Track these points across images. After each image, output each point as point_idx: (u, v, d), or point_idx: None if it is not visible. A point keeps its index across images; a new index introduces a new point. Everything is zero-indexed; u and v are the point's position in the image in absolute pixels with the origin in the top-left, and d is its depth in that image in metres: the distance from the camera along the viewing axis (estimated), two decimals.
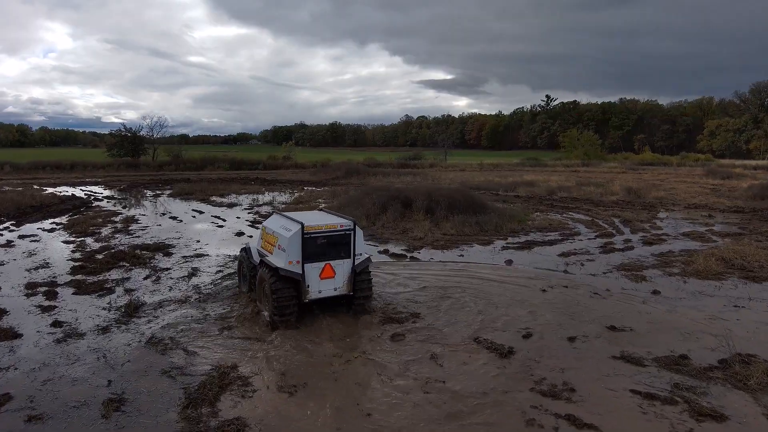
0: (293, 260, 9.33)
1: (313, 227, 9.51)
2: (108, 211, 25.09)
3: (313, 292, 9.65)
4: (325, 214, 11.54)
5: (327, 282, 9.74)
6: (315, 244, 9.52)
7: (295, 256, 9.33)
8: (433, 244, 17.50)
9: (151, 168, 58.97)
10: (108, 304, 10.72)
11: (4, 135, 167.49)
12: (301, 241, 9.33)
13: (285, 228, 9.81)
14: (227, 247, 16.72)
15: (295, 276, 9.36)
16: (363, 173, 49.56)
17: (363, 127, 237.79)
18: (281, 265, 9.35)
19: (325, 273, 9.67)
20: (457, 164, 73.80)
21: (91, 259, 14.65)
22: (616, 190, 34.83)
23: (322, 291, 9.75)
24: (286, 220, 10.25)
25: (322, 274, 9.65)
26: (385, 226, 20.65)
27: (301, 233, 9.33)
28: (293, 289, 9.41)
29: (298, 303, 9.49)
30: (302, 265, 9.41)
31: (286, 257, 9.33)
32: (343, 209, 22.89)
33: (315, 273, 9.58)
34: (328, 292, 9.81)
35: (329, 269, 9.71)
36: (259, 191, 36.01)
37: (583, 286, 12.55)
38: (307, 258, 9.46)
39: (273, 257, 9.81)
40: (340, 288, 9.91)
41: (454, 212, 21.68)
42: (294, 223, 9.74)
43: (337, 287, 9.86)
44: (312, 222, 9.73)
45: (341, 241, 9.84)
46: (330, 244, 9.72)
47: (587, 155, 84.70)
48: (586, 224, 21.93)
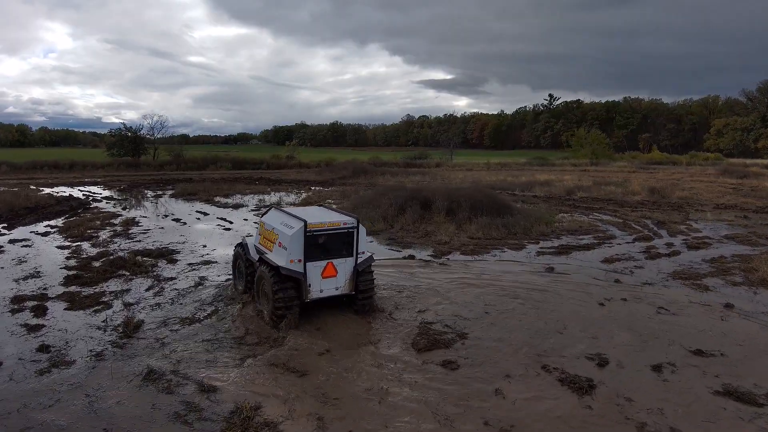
0: (295, 259, 8.94)
1: (316, 225, 9.10)
2: (107, 212, 23.62)
3: (314, 292, 9.29)
4: (327, 210, 11.01)
5: (329, 281, 9.37)
6: (317, 242, 9.17)
7: (296, 255, 8.94)
8: (460, 248, 16.02)
9: (151, 168, 57.50)
10: (104, 323, 9.25)
11: (4, 135, 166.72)
12: (304, 239, 8.92)
13: (286, 225, 9.35)
14: None
15: (297, 275, 8.98)
16: (370, 173, 48.07)
17: (364, 127, 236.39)
18: (282, 263, 8.94)
19: (327, 272, 9.32)
20: (464, 164, 72.35)
21: (87, 268, 13.18)
22: (637, 190, 33.35)
23: (324, 290, 9.39)
24: (286, 217, 9.72)
25: (324, 273, 9.29)
26: (404, 228, 19.17)
27: (304, 231, 8.91)
28: (294, 289, 9.07)
29: (299, 303, 9.13)
30: (304, 264, 9.02)
31: (288, 255, 8.91)
32: (357, 210, 21.44)
33: (317, 272, 9.21)
34: (329, 291, 9.45)
35: (331, 268, 9.35)
36: (264, 191, 34.54)
37: (644, 298, 11.07)
38: (309, 256, 9.07)
39: (273, 255, 9.36)
40: (342, 287, 9.55)
41: (477, 214, 20.23)
42: (296, 220, 9.27)
43: (339, 286, 9.51)
44: (314, 219, 9.31)
45: (344, 240, 9.45)
46: (332, 243, 9.36)
47: (595, 154, 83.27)
48: (619, 226, 20.45)
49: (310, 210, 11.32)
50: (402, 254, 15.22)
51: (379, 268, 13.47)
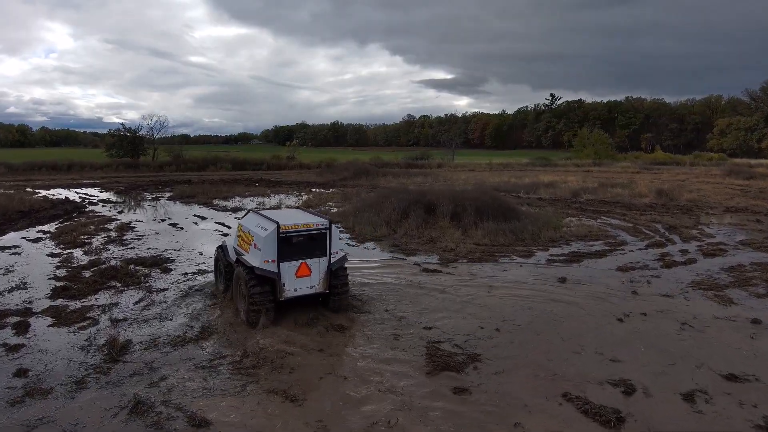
0: (269, 259, 9.32)
1: (289, 226, 9.45)
2: (102, 216, 23.00)
3: (289, 291, 9.61)
4: (302, 212, 11.45)
5: (303, 280, 9.72)
6: (291, 243, 9.48)
7: (270, 255, 9.32)
8: (467, 256, 15.38)
9: (151, 168, 56.91)
10: (87, 342, 8.62)
11: (4, 135, 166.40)
12: (277, 240, 9.28)
13: (261, 227, 9.76)
14: None
15: (271, 275, 9.33)
16: (372, 174, 47.42)
17: (365, 127, 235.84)
18: (257, 264, 9.35)
19: (301, 271, 9.66)
20: (466, 164, 71.68)
21: (76, 278, 12.55)
22: (644, 192, 32.69)
23: (298, 289, 9.73)
24: (262, 219, 10.15)
25: (298, 273, 9.63)
26: (408, 234, 18.53)
27: (277, 233, 9.27)
28: (269, 288, 9.40)
29: (274, 301, 9.46)
30: (278, 264, 9.35)
31: (262, 256, 9.32)
32: (359, 215, 20.84)
33: (291, 271, 9.55)
34: (304, 290, 9.80)
35: (305, 268, 9.70)
36: (264, 193, 33.91)
37: (665, 312, 10.43)
38: (283, 257, 9.40)
39: (249, 256, 9.80)
40: (316, 286, 9.88)
41: (483, 218, 19.59)
42: (270, 222, 9.67)
43: (313, 285, 9.84)
44: (288, 221, 9.66)
45: (317, 240, 9.78)
46: (306, 243, 9.67)
47: (598, 155, 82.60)
48: (629, 231, 19.79)
49: (286, 212, 11.85)
50: (406, 262, 14.56)
51: (382, 276, 12.85)
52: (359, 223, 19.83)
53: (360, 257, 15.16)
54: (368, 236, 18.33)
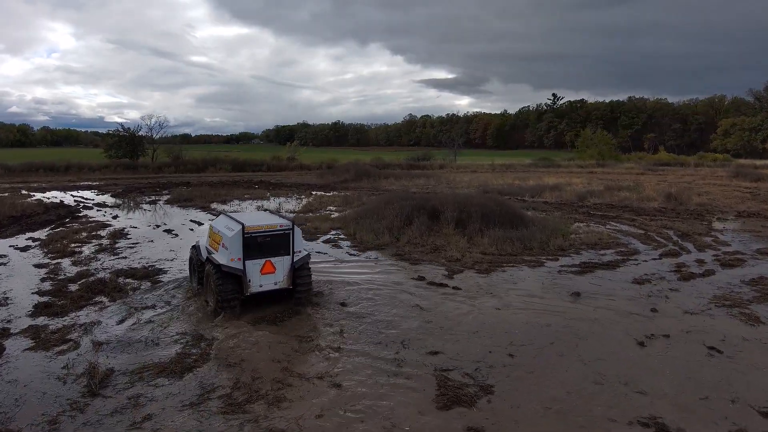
0: (235, 257, 10.11)
1: (253, 227, 10.32)
2: (95, 222, 22.32)
3: (254, 286, 10.43)
4: (268, 214, 12.64)
5: (268, 277, 10.54)
6: (256, 242, 10.30)
7: (236, 254, 10.12)
8: (474, 266, 14.67)
9: (149, 170, 56.26)
10: (65, 369, 7.92)
11: (5, 135, 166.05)
12: (242, 240, 10.12)
13: (228, 228, 10.58)
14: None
15: (237, 272, 10.17)
16: (373, 175, 46.68)
17: (366, 127, 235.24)
18: (224, 261, 10.16)
19: (265, 269, 10.47)
20: (468, 165, 70.92)
21: (61, 293, 11.86)
22: (653, 196, 31.94)
23: (263, 285, 10.54)
24: (229, 221, 11.02)
25: (263, 270, 10.45)
26: (411, 242, 17.82)
27: (242, 233, 10.13)
28: (235, 284, 10.21)
29: (240, 296, 10.30)
30: (243, 262, 10.18)
31: (229, 254, 10.10)
32: (360, 221, 20.13)
33: (256, 269, 10.38)
34: (269, 286, 10.60)
35: (269, 265, 10.50)
36: (263, 196, 33.23)
37: (689, 333, 9.71)
38: (248, 255, 10.24)
39: (217, 255, 10.54)
40: (280, 282, 10.70)
41: (489, 225, 18.89)
42: (236, 223, 10.51)
43: (277, 281, 10.66)
44: (253, 222, 10.55)
45: (281, 240, 10.59)
46: (270, 243, 10.48)
47: (601, 155, 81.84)
48: (640, 239, 19.07)
49: (253, 215, 12.88)
50: (411, 274, 13.85)
51: (383, 290, 12.13)
52: (361, 230, 19.14)
53: (360, 269, 14.47)
54: (370, 244, 17.63)
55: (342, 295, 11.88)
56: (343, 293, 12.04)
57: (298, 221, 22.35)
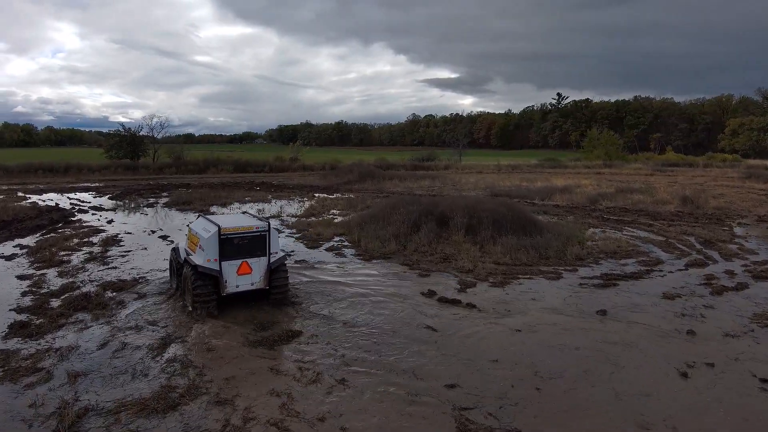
0: (211, 258, 10.27)
1: (230, 229, 10.46)
2: (89, 227, 21.40)
3: (230, 287, 10.58)
4: (247, 216, 12.59)
5: (244, 278, 10.70)
6: (232, 243, 10.45)
7: (212, 255, 10.28)
8: (487, 278, 13.66)
9: (150, 171, 55.40)
10: (33, 409, 6.94)
11: (10, 135, 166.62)
12: (218, 241, 10.26)
13: (205, 229, 10.70)
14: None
15: (213, 272, 10.31)
16: (377, 177, 45.68)
17: (369, 126, 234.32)
18: (200, 262, 10.32)
19: (242, 269, 10.61)
20: (473, 165, 69.82)
21: (41, 309, 10.91)
22: (667, 199, 30.82)
23: (240, 286, 10.69)
24: (207, 223, 11.14)
25: (240, 271, 10.60)
26: (419, 250, 16.82)
27: (218, 234, 10.26)
28: (212, 284, 10.36)
29: (216, 296, 10.46)
30: (219, 263, 10.33)
31: (205, 256, 10.29)
32: (365, 227, 19.15)
33: (232, 269, 10.53)
34: (245, 286, 10.77)
35: (246, 266, 10.64)
36: (265, 199, 32.27)
37: (735, 361, 8.68)
38: (225, 256, 10.38)
39: (195, 256, 10.68)
40: (257, 283, 10.86)
41: (501, 231, 17.88)
42: (213, 225, 10.66)
43: (254, 282, 10.82)
44: (229, 224, 10.68)
45: (257, 241, 10.74)
46: (246, 244, 10.62)
47: (608, 155, 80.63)
48: (661, 246, 18.03)
49: (230, 217, 13.24)
50: (420, 288, 12.84)
51: (388, 306, 11.12)
52: (366, 237, 18.15)
53: (365, 281, 13.48)
54: (376, 253, 16.64)
55: (346, 314, 10.90)
56: (347, 311, 11.06)
57: (300, 227, 21.43)
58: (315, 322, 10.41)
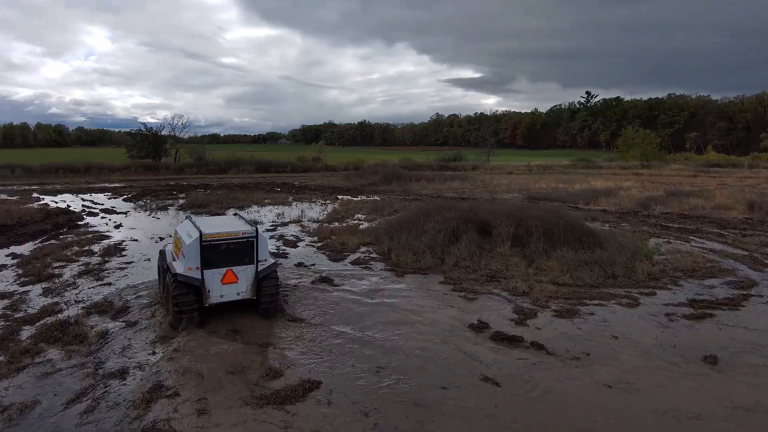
0: (192, 266, 9.44)
1: (213, 235, 9.57)
2: (94, 232, 19.65)
3: (214, 297, 9.72)
4: (235, 219, 11.50)
5: (229, 287, 9.82)
6: (216, 250, 9.58)
7: (194, 263, 9.45)
8: (548, 304, 11.19)
9: (171, 171, 54.23)
10: None
11: (42, 135, 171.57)
12: (200, 248, 9.43)
13: (188, 234, 9.92)
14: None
15: (194, 282, 9.47)
16: (403, 178, 43.30)
17: (392, 126, 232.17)
18: (181, 270, 9.50)
19: (227, 278, 9.74)
20: (502, 166, 66.90)
21: (5, 342, 8.90)
22: (728, 203, 27.64)
23: (225, 295, 9.82)
24: (191, 226, 10.30)
25: (224, 280, 9.73)
26: (460, 265, 14.44)
27: (200, 241, 9.43)
28: (193, 294, 9.49)
29: (199, 307, 9.55)
30: (201, 271, 9.47)
31: (186, 263, 9.49)
32: (395, 236, 16.84)
33: (216, 278, 9.65)
34: (230, 296, 9.88)
35: (231, 275, 9.77)
36: (285, 201, 30.25)
37: None
38: (208, 264, 9.53)
39: (177, 262, 9.95)
40: (243, 293, 10.00)
41: (554, 243, 15.37)
42: (196, 229, 9.80)
43: (240, 292, 9.95)
44: (212, 229, 9.81)
45: (243, 248, 9.86)
46: (232, 251, 9.73)
47: (645, 156, 76.63)
48: (746, 262, 15.26)
49: (217, 220, 12.30)
50: (467, 316, 10.45)
51: (438, 344, 8.76)
52: (396, 248, 15.86)
53: (398, 304, 11.17)
54: (409, 267, 14.34)
55: (376, 355, 8.61)
56: (377, 351, 8.77)
57: (323, 234, 19.25)
58: (338, 366, 8.15)
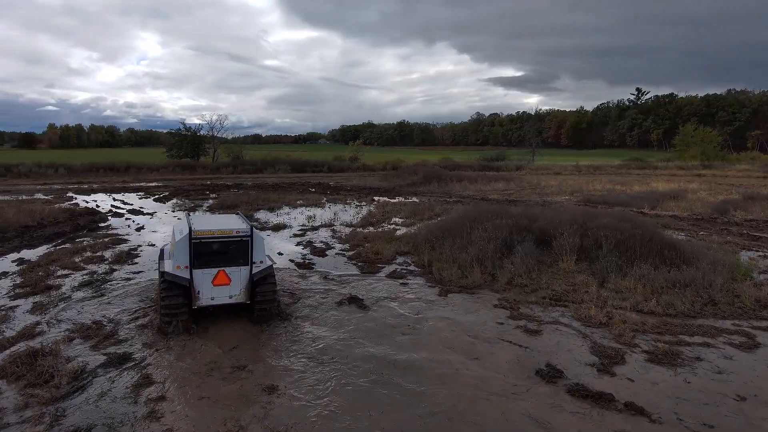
0: (181, 265, 8.95)
1: (203, 232, 9.07)
2: (112, 235, 18.36)
3: (204, 299, 9.16)
4: (235, 218, 10.89)
5: (221, 289, 9.24)
6: (207, 249, 9.10)
7: (182, 261, 8.97)
8: (635, 342, 8.70)
9: (208, 170, 53.72)
10: None
11: (95, 136, 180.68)
12: (189, 246, 8.92)
13: (181, 232, 9.45)
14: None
15: (182, 282, 8.92)
16: (444, 178, 40.85)
17: (431, 126, 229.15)
18: (169, 269, 9.07)
19: (218, 280, 9.19)
20: (548, 166, 63.27)
21: None
22: None
23: (216, 298, 9.25)
24: (184, 224, 9.87)
25: (215, 281, 9.18)
26: (515, 282, 12.07)
27: (189, 238, 8.91)
28: (182, 295, 8.96)
29: (188, 309, 9.02)
30: (191, 271, 8.96)
31: (174, 262, 9.06)
32: (436, 245, 14.64)
33: (207, 279, 9.12)
34: (222, 299, 9.30)
35: (223, 276, 9.22)
36: (318, 203, 28.48)
37: None
38: (198, 263, 9.03)
39: (167, 261, 9.70)
40: (236, 296, 9.37)
41: (630, 258, 12.77)
42: (187, 226, 9.30)
43: (232, 295, 9.34)
44: (204, 227, 9.35)
45: (237, 248, 9.30)
46: (224, 251, 9.24)
47: (705, 155, 71.04)
48: None
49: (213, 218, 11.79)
50: (531, 358, 8.12)
51: (493, 395, 6.48)
52: (439, 259, 13.64)
53: (441, 335, 8.95)
54: (454, 284, 12.10)
55: (410, 418, 6.42)
56: (412, 414, 6.58)
57: (355, 240, 17.24)
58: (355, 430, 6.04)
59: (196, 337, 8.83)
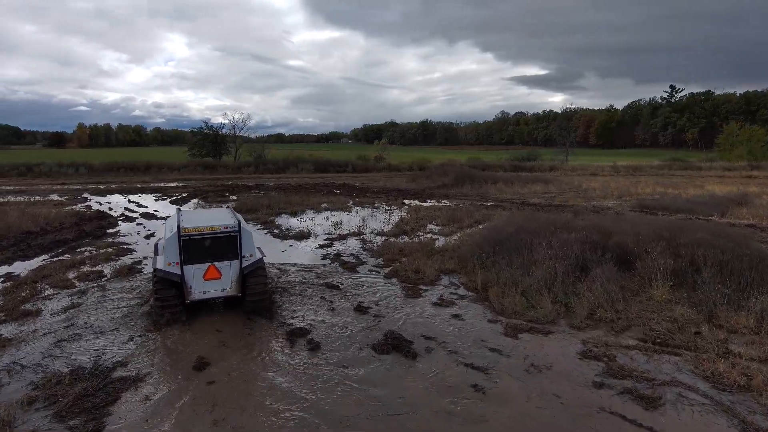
0: (171, 261, 9.13)
1: (192, 229, 9.19)
2: (118, 244, 16.45)
3: (196, 293, 9.38)
4: (226, 212, 10.87)
5: (212, 283, 9.46)
6: (197, 245, 9.22)
7: (173, 258, 9.13)
8: None
9: (229, 170, 52.12)
10: None
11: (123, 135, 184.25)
12: (178, 242, 9.07)
13: (171, 228, 9.65)
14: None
15: (173, 277, 9.12)
16: (476, 180, 38.17)
17: (455, 125, 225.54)
18: (160, 266, 9.21)
19: (209, 274, 9.39)
20: (583, 166, 59.88)
21: None
22: None
23: (207, 292, 9.47)
24: (174, 221, 9.95)
25: (206, 275, 9.37)
26: (595, 316, 9.57)
27: (178, 235, 9.05)
28: (174, 290, 9.20)
29: (181, 303, 9.28)
30: (181, 266, 9.13)
31: (165, 258, 9.21)
32: (488, 263, 12.21)
33: (198, 274, 9.32)
34: (214, 293, 9.53)
35: (214, 270, 9.42)
36: (344, 206, 26.23)
37: None
38: (189, 259, 9.19)
39: (159, 257, 9.77)
40: (228, 289, 9.62)
41: (739, 284, 10.15)
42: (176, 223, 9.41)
43: (224, 288, 9.59)
44: (193, 223, 9.38)
45: (226, 243, 9.45)
46: (214, 246, 9.37)
47: (753, 155, 66.57)
48: None
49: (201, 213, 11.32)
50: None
51: None
52: (495, 282, 11.21)
53: (521, 414, 6.56)
54: (521, 316, 9.67)
55: None
56: None
57: (390, 254, 14.88)
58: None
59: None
